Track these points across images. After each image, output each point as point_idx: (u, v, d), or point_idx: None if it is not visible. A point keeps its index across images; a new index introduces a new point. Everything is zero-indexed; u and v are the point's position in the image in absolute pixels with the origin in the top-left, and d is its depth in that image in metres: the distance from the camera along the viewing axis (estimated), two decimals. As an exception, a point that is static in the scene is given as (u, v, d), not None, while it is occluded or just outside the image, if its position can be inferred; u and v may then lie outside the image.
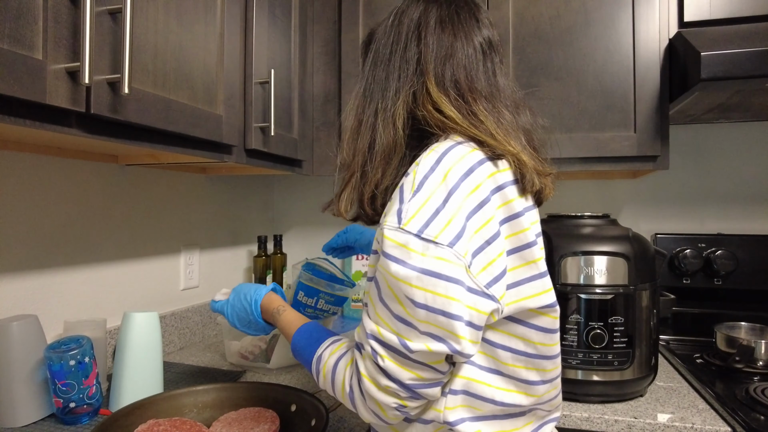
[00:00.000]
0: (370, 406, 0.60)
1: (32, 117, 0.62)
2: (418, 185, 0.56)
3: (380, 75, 0.69)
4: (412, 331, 0.55)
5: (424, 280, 0.53)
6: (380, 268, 0.57)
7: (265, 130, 1.14)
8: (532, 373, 0.62)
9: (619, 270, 1.02)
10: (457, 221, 0.55)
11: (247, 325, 0.86)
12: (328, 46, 1.47)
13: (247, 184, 1.80)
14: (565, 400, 1.05)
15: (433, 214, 0.55)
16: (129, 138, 0.79)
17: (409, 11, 0.70)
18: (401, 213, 0.56)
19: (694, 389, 1.10)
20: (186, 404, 0.90)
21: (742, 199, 1.54)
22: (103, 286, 1.19)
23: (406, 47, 0.68)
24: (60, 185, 1.08)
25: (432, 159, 0.58)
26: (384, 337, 0.57)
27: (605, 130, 1.27)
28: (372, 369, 0.58)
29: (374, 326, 0.58)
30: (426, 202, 0.55)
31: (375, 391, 0.58)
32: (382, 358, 0.57)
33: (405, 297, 0.55)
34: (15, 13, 0.58)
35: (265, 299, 0.83)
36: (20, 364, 0.87)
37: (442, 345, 0.54)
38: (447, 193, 0.56)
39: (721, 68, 1.03)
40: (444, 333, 0.54)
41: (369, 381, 0.59)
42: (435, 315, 0.54)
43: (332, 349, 0.67)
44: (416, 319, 0.55)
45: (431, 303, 0.53)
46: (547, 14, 1.31)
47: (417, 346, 0.55)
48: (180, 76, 0.88)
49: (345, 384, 0.63)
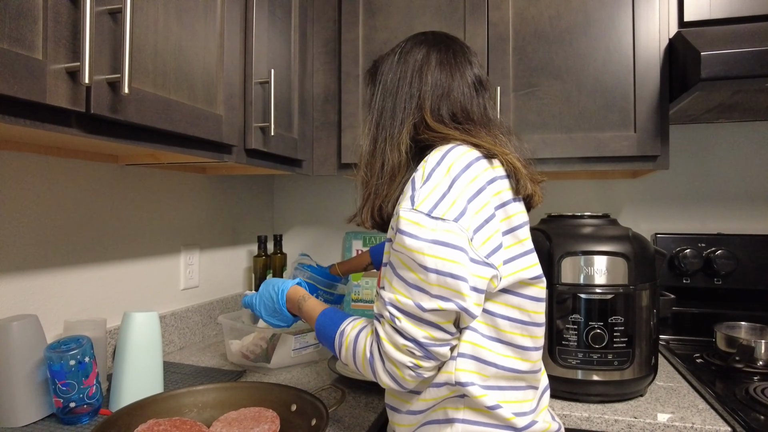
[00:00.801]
0: (388, 368, 0.68)
1: (32, 117, 0.62)
2: (427, 176, 0.68)
3: (389, 106, 0.81)
4: (424, 295, 0.65)
5: (434, 249, 0.64)
6: (396, 245, 0.68)
7: (265, 129, 1.14)
8: (527, 339, 0.72)
9: (619, 270, 1.02)
10: (460, 203, 0.66)
11: (272, 314, 0.93)
12: (328, 46, 1.47)
13: (247, 184, 1.80)
14: (565, 400, 1.05)
15: (440, 198, 0.66)
16: (129, 138, 0.79)
17: (413, 52, 0.82)
18: (414, 198, 0.67)
19: (694, 389, 1.10)
20: (186, 404, 0.90)
21: (742, 199, 1.54)
22: (103, 286, 1.19)
23: (410, 83, 0.80)
24: (60, 185, 1.08)
25: (438, 156, 0.70)
26: (400, 302, 0.67)
27: (605, 130, 1.27)
28: (390, 331, 0.68)
29: (392, 295, 0.68)
30: (434, 188, 0.67)
31: (393, 351, 0.67)
32: (398, 320, 0.67)
33: (418, 265, 0.65)
34: (15, 13, 0.58)
35: (290, 290, 0.92)
36: (20, 364, 0.87)
37: (451, 303, 0.64)
38: (451, 182, 0.67)
39: (721, 68, 1.03)
40: (452, 293, 0.64)
41: (388, 342, 0.68)
42: (444, 277, 0.64)
43: (353, 324, 0.76)
44: (428, 283, 0.65)
45: (441, 267, 0.64)
46: (547, 14, 1.31)
47: (429, 305, 0.65)
48: (180, 76, 0.88)
49: (366, 351, 0.71)
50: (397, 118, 0.80)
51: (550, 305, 1.05)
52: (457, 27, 1.36)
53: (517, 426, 0.69)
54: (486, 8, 1.35)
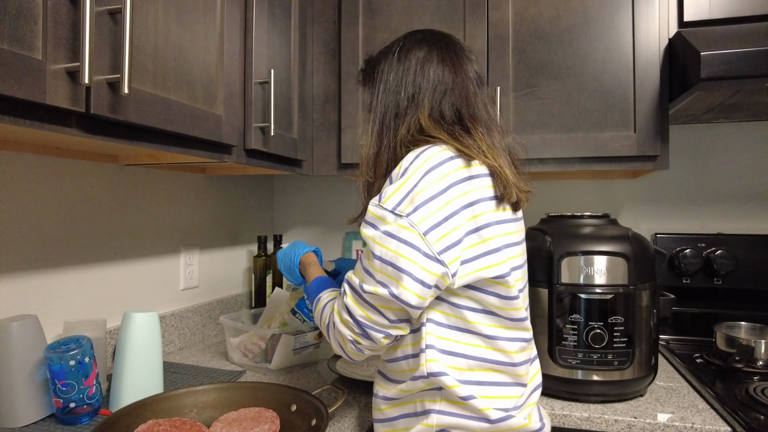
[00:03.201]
0: (335, 336, 0.75)
1: (32, 117, 0.62)
2: (401, 173, 0.72)
3: (391, 105, 0.82)
4: (368, 277, 0.71)
5: (384, 239, 0.69)
6: (362, 233, 0.73)
7: (264, 130, 1.14)
8: (496, 330, 0.73)
9: (619, 270, 1.02)
10: (420, 199, 0.69)
11: (287, 270, 1.02)
12: (328, 46, 1.47)
13: (247, 184, 1.80)
14: (565, 400, 1.05)
15: (404, 196, 0.70)
16: (129, 138, 0.79)
17: (414, 50, 0.82)
18: (382, 194, 0.72)
19: (694, 389, 1.10)
20: (186, 404, 0.90)
21: (742, 199, 1.54)
22: (103, 286, 1.19)
23: (413, 81, 0.80)
24: (60, 185, 1.08)
25: (412, 155, 0.73)
26: (351, 279, 0.73)
27: (605, 130, 1.27)
28: (340, 305, 0.74)
29: (350, 273, 0.75)
30: (402, 185, 0.70)
31: (338, 322, 0.74)
32: (346, 297, 0.73)
33: (370, 252, 0.71)
34: (15, 13, 0.58)
35: (304, 255, 1.01)
36: (20, 365, 0.87)
37: (385, 290, 0.68)
38: (418, 179, 0.70)
39: (721, 68, 1.03)
40: (389, 280, 0.68)
41: (335, 313, 0.75)
42: (385, 266, 0.68)
43: (329, 294, 0.84)
44: (373, 268, 0.70)
45: (384, 256, 0.69)
46: (547, 14, 1.31)
47: (368, 288, 0.70)
48: (180, 76, 0.88)
49: (326, 318, 0.78)
50: (400, 117, 0.80)
51: (549, 305, 1.05)
52: (456, 27, 1.36)
53: (490, 418, 0.70)
54: (486, 8, 1.35)
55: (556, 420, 1.00)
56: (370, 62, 0.89)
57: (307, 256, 1.01)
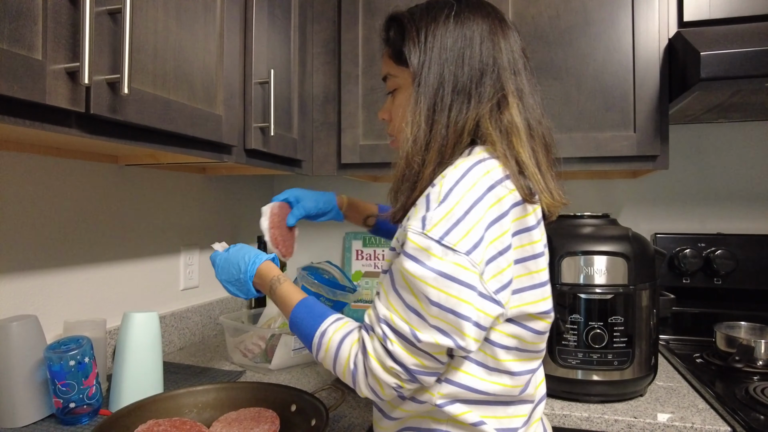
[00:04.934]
0: (371, 383, 0.65)
1: (32, 117, 0.62)
2: (444, 196, 0.61)
3: (449, 76, 0.68)
4: (422, 323, 0.61)
5: (440, 282, 0.59)
6: (398, 264, 0.63)
7: (264, 130, 1.14)
8: (518, 364, 0.68)
9: (619, 270, 1.02)
10: (477, 232, 0.60)
11: (233, 282, 0.84)
12: (328, 46, 1.47)
13: (247, 184, 1.80)
14: (565, 400, 1.05)
15: (454, 223, 0.60)
16: (129, 138, 0.79)
17: (471, 17, 0.70)
18: (425, 220, 0.61)
19: (693, 389, 1.10)
20: (186, 404, 0.90)
21: (742, 199, 1.54)
22: (103, 286, 1.19)
23: (480, 57, 0.68)
24: (60, 185, 1.08)
25: (459, 172, 0.63)
26: (395, 323, 0.62)
27: (605, 130, 1.27)
28: (380, 350, 0.63)
29: (387, 312, 0.63)
30: (450, 211, 0.60)
31: (380, 371, 0.63)
32: (391, 342, 0.62)
33: (420, 293, 0.60)
34: (15, 14, 0.58)
35: (263, 265, 0.82)
36: (20, 365, 0.87)
37: (449, 339, 0.60)
38: (470, 205, 0.60)
39: (721, 68, 1.03)
40: (452, 329, 0.60)
41: (375, 361, 0.63)
42: (446, 313, 0.59)
43: (337, 326, 0.70)
44: (428, 314, 0.60)
45: (444, 302, 0.59)
46: (547, 14, 1.31)
47: (426, 337, 0.60)
48: (179, 76, 0.88)
49: (349, 361, 0.66)
50: (461, 94, 0.67)
51: (550, 305, 1.04)
52: (456, 27, 1.36)
53: None
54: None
55: (556, 420, 1.00)
56: (402, 19, 0.73)
57: (269, 268, 0.82)
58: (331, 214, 1.07)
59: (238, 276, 0.82)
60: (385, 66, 0.78)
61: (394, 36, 0.74)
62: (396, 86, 0.76)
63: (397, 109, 0.76)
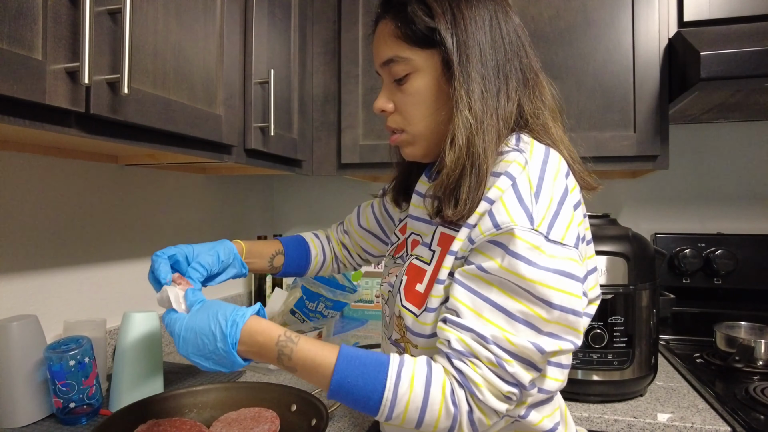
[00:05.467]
0: (476, 418, 0.56)
1: (32, 117, 0.62)
2: (536, 187, 0.57)
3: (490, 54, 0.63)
4: (536, 332, 0.55)
5: (562, 281, 0.54)
6: (497, 269, 0.55)
7: (264, 130, 1.14)
8: (570, 357, 0.65)
9: (619, 270, 1.02)
10: (573, 222, 0.57)
11: (207, 356, 0.60)
12: (328, 46, 1.47)
13: (247, 184, 1.80)
14: (565, 400, 1.04)
15: (554, 217, 0.56)
16: (128, 138, 0.79)
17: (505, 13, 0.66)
18: (533, 215, 0.55)
19: (693, 389, 1.10)
20: (186, 404, 0.90)
21: (742, 199, 1.54)
22: (102, 286, 1.19)
23: (509, 34, 0.65)
24: (60, 185, 1.08)
25: (539, 161, 0.59)
26: (513, 343, 0.55)
27: (605, 130, 1.27)
28: (491, 376, 0.55)
29: (493, 331, 0.55)
30: (549, 204, 0.56)
31: (493, 400, 0.55)
32: (509, 364, 0.55)
33: (537, 299, 0.54)
34: (14, 13, 0.58)
35: (252, 323, 0.60)
36: (20, 365, 0.87)
37: (568, 343, 0.56)
38: (561, 195, 0.58)
39: (721, 68, 1.03)
40: (569, 330, 0.56)
41: (488, 390, 0.55)
42: (567, 315, 0.55)
43: (410, 369, 0.57)
44: (546, 320, 0.55)
45: (567, 303, 0.54)
46: (547, 14, 1.31)
47: (549, 346, 0.55)
48: (179, 76, 0.88)
49: (445, 404, 0.56)
50: (503, 75, 0.63)
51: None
52: (456, 27, 1.36)
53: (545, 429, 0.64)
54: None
55: (556, 420, 1.00)
56: None
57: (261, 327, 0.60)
58: (234, 268, 0.82)
59: (215, 346, 0.59)
60: (389, 48, 0.66)
61: (412, 13, 0.63)
62: (410, 71, 0.65)
63: (412, 97, 0.66)
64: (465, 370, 0.56)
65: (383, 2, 0.69)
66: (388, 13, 0.67)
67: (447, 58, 0.62)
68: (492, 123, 0.61)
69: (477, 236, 0.58)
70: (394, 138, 0.71)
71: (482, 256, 0.57)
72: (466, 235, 0.59)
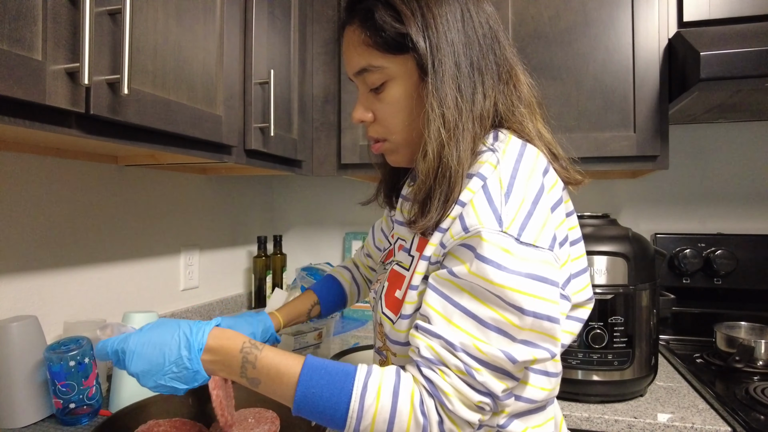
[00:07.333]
0: (447, 428, 0.54)
1: (32, 118, 0.62)
2: (507, 187, 0.54)
3: (462, 48, 0.60)
4: (510, 340, 0.52)
5: (533, 286, 0.51)
6: (465, 273, 0.53)
7: (264, 130, 1.14)
8: (557, 364, 0.62)
9: (619, 270, 1.02)
10: (549, 223, 0.54)
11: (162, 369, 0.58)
12: (328, 46, 1.47)
13: (247, 184, 1.80)
14: (565, 400, 1.05)
15: (526, 217, 0.53)
16: (128, 138, 0.79)
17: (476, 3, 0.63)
18: (501, 216, 0.52)
19: (694, 389, 1.10)
20: (186, 404, 0.90)
21: (742, 199, 1.54)
22: (103, 286, 1.19)
23: (482, 29, 0.62)
24: (60, 185, 1.08)
25: (511, 160, 0.56)
26: (482, 351, 0.52)
27: (605, 130, 1.27)
28: (461, 385, 0.53)
29: (462, 338, 0.53)
30: (521, 204, 0.53)
31: (463, 410, 0.53)
32: (478, 372, 0.52)
33: (508, 304, 0.52)
34: (14, 14, 0.58)
35: (216, 330, 0.59)
36: (20, 365, 0.87)
37: (543, 351, 0.53)
38: (536, 195, 0.54)
39: (721, 68, 1.03)
40: (544, 338, 0.53)
41: (458, 399, 0.53)
42: (541, 321, 0.52)
43: (377, 379, 0.55)
44: (519, 327, 0.52)
45: (540, 309, 0.51)
46: (547, 14, 1.31)
47: (522, 355, 0.52)
48: (179, 77, 0.88)
49: (414, 414, 0.53)
50: (478, 73, 0.60)
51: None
52: (456, 27, 1.36)
53: None
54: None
55: (556, 420, 1.00)
56: None
57: (225, 336, 0.60)
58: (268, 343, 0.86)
59: (178, 355, 0.57)
60: (361, 57, 0.64)
61: (380, 20, 0.61)
62: (385, 79, 0.63)
63: (390, 106, 0.64)
64: (434, 378, 0.54)
65: (348, 8, 0.66)
66: (355, 19, 0.64)
67: (421, 63, 0.60)
68: (467, 128, 0.58)
69: (448, 240, 0.56)
70: (377, 147, 0.69)
71: (454, 260, 0.55)
72: (438, 240, 0.57)
